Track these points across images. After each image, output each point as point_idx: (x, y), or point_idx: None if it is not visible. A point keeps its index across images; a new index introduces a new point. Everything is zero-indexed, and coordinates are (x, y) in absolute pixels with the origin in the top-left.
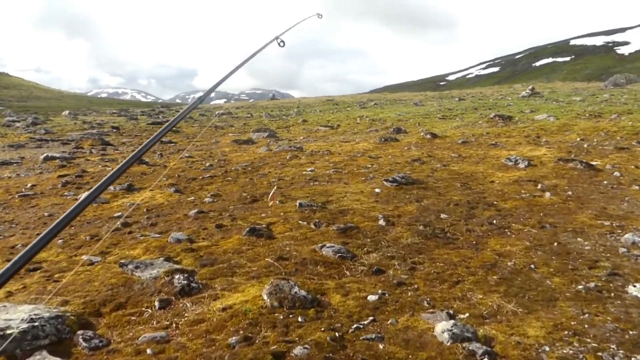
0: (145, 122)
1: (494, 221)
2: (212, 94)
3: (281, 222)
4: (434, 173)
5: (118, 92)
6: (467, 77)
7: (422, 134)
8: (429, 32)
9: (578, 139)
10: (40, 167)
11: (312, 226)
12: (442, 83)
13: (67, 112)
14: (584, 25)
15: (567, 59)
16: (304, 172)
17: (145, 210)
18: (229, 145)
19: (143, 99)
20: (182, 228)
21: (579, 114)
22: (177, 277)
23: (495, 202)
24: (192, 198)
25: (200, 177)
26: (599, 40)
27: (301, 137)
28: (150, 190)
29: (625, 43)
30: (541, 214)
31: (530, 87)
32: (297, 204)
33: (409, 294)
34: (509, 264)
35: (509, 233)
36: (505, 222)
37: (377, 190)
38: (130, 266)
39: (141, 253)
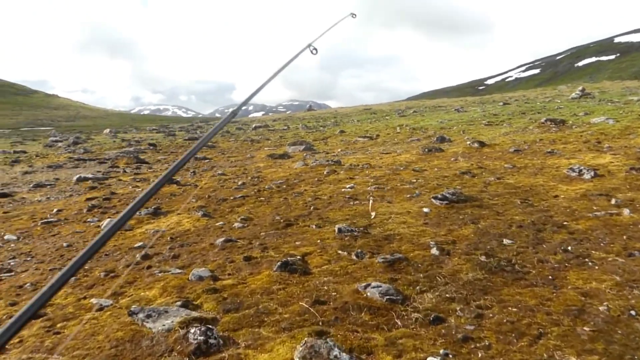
0: (183, 137)
1: (569, 247)
2: (250, 107)
3: (318, 251)
4: (487, 187)
5: (160, 108)
6: (507, 80)
7: (468, 142)
8: (463, 36)
9: None
10: (71, 189)
11: (354, 257)
12: (480, 87)
13: (108, 130)
14: (629, 21)
15: (612, 57)
16: (343, 190)
17: (169, 238)
18: (263, 160)
19: (184, 115)
20: (207, 261)
21: None
22: (192, 330)
23: (565, 223)
24: (221, 223)
25: (232, 198)
26: None
27: (339, 150)
28: (178, 214)
29: None
30: (624, 237)
31: (580, 87)
32: (336, 229)
33: (480, 354)
34: (600, 308)
35: (590, 263)
36: (582, 248)
37: (425, 209)
38: (141, 315)
39: (157, 295)
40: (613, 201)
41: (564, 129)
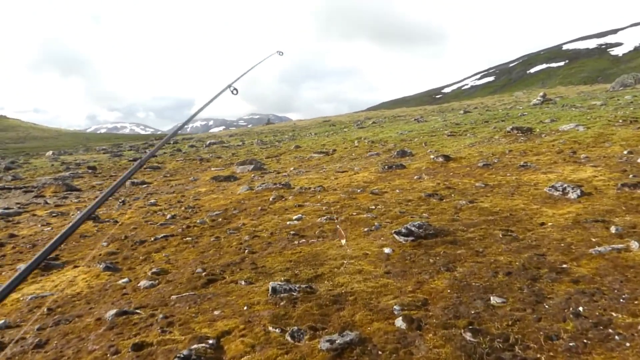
0: (129, 158)
1: (580, 308)
2: (210, 122)
3: (240, 328)
4: (459, 214)
5: (117, 126)
6: (463, 88)
7: (432, 156)
8: (419, 46)
9: (625, 152)
10: None
11: (288, 338)
12: (438, 96)
13: (51, 152)
14: (575, 29)
15: (562, 63)
16: (288, 223)
17: (45, 310)
18: (207, 183)
19: (142, 132)
20: (81, 352)
21: (610, 120)
22: None
23: (564, 265)
24: (125, 280)
25: (152, 239)
26: (591, 43)
27: (291, 168)
28: (75, 266)
29: (618, 44)
30: None
31: (540, 93)
32: (270, 287)
33: None
34: None
35: (616, 337)
36: (598, 309)
37: (386, 250)
38: None
39: None
40: (613, 229)
41: (533, 137)
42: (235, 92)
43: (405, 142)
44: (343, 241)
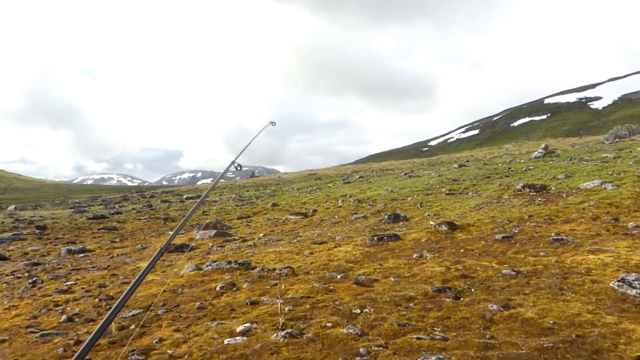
0: (88, 216)
1: None
2: (199, 174)
3: None
4: (492, 332)
5: (104, 177)
6: (449, 141)
7: (431, 222)
8: (405, 100)
9: None
10: None
11: None
12: (424, 149)
13: (13, 206)
14: (556, 83)
15: (544, 117)
16: (227, 342)
17: None
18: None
19: (129, 183)
20: None
21: None
22: None
23: None
24: None
25: None
26: (572, 97)
27: (261, 234)
28: None
29: (598, 98)
30: None
31: (542, 145)
32: None
33: None
34: None
35: None
36: None
37: None
38: None
39: None
40: None
41: (552, 198)
42: (239, 168)
43: (397, 201)
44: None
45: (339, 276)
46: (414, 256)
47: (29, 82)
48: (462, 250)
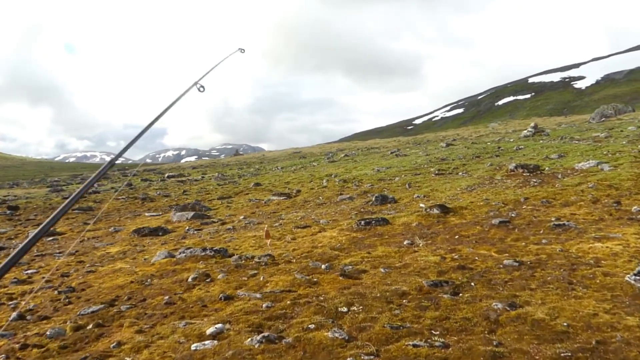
0: (65, 195)
1: None
2: (183, 152)
3: None
4: (499, 336)
5: (87, 155)
6: (434, 119)
7: (421, 204)
8: (391, 79)
9: None
10: None
11: None
12: (409, 127)
13: None
14: (540, 63)
15: (528, 96)
16: (194, 348)
17: None
18: (125, 239)
19: None
20: None
21: (637, 156)
22: None
23: None
24: None
25: None
26: (556, 77)
27: (241, 217)
28: None
29: (581, 77)
30: None
31: (532, 124)
32: None
33: None
34: None
35: None
36: None
37: None
38: None
39: None
40: None
41: (548, 179)
42: (202, 89)
43: (384, 182)
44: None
45: (323, 266)
46: (404, 243)
47: (7, 56)
48: (456, 237)
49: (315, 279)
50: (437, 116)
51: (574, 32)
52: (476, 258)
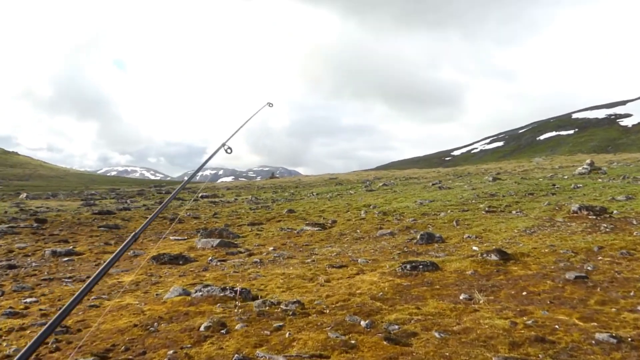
0: (94, 210)
1: None
2: (220, 171)
3: None
4: None
5: (127, 170)
6: (472, 151)
7: (475, 247)
8: (430, 108)
9: None
10: None
11: None
12: (447, 158)
13: (24, 194)
14: (585, 99)
15: (571, 132)
16: None
17: None
18: (142, 267)
19: (152, 177)
20: None
21: None
22: None
23: None
24: None
25: None
26: (601, 113)
27: (270, 248)
28: None
29: (628, 115)
30: None
31: (587, 160)
32: None
33: None
34: None
35: None
36: None
37: None
38: None
39: None
40: None
41: (620, 225)
42: (229, 150)
43: (428, 217)
44: None
45: (363, 323)
46: (461, 297)
47: (59, 70)
48: (524, 293)
49: (352, 341)
50: (477, 148)
51: (621, 67)
52: (556, 326)
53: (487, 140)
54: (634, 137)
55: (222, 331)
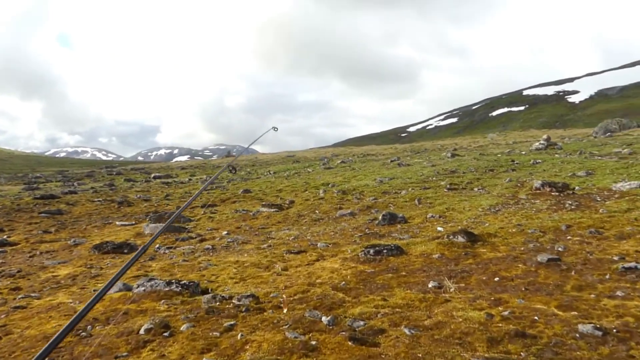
0: (36, 194)
1: None
2: (175, 150)
3: None
4: None
5: (78, 150)
6: (427, 128)
7: (439, 228)
8: (385, 86)
9: None
10: None
11: None
12: (403, 134)
13: None
14: (535, 76)
15: (522, 108)
16: None
17: None
18: (82, 257)
19: (104, 157)
20: None
21: None
22: None
23: None
24: None
25: None
26: (550, 90)
27: (223, 233)
28: None
29: (575, 92)
30: None
31: (544, 136)
32: None
33: None
34: None
35: None
36: None
37: None
38: None
39: None
40: None
41: (585, 202)
42: (234, 171)
43: (389, 195)
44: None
45: (324, 319)
46: (429, 285)
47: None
48: (496, 279)
49: (313, 342)
50: (432, 125)
51: (570, 46)
52: (535, 317)
53: (442, 117)
54: (580, 113)
55: (165, 334)
